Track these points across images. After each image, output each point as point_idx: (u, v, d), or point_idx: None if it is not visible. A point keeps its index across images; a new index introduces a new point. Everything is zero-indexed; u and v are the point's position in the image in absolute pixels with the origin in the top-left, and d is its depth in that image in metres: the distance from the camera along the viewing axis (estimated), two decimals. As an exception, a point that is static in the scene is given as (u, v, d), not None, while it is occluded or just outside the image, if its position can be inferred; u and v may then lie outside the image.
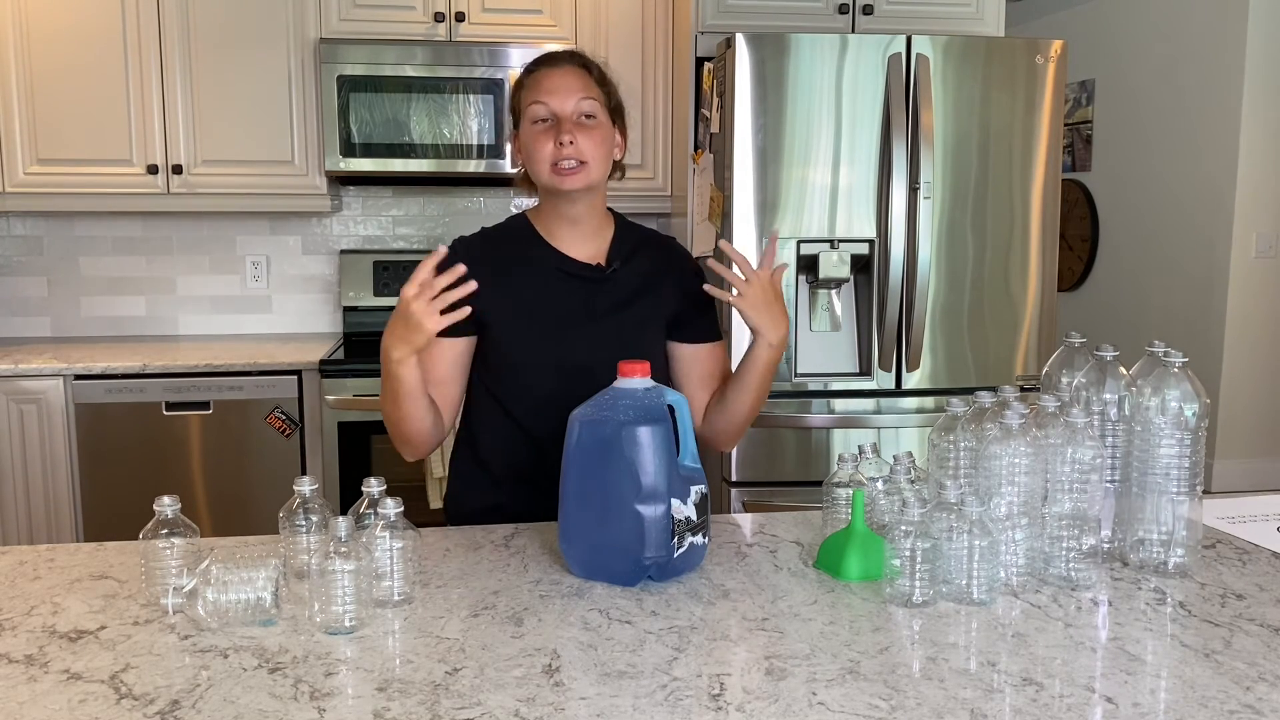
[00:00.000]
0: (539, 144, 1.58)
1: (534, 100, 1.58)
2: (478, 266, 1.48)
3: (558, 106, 1.57)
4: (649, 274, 1.69)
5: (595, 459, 1.29)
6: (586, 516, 1.31)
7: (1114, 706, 0.98)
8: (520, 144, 1.63)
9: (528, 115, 1.59)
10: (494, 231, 1.71)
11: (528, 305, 1.63)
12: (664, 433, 1.29)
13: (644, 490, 1.27)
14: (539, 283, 1.64)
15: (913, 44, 2.80)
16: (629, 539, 1.27)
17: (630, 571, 1.28)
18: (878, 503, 1.41)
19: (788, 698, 1.00)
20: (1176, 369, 1.33)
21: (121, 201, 3.30)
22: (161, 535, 1.23)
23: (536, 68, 1.63)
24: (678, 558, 1.29)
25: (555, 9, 3.38)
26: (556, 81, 1.59)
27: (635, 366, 1.34)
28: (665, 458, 1.28)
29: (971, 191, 2.87)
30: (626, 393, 1.33)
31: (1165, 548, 1.34)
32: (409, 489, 3.08)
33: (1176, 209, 5.37)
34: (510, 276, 1.63)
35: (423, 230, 3.78)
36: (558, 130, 1.56)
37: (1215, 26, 5.10)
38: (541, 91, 1.58)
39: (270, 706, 0.98)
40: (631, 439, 1.27)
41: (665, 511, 1.27)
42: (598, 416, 1.31)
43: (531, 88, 1.60)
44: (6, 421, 3.01)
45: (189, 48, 3.25)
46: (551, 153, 1.57)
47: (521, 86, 1.62)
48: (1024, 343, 2.94)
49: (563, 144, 1.56)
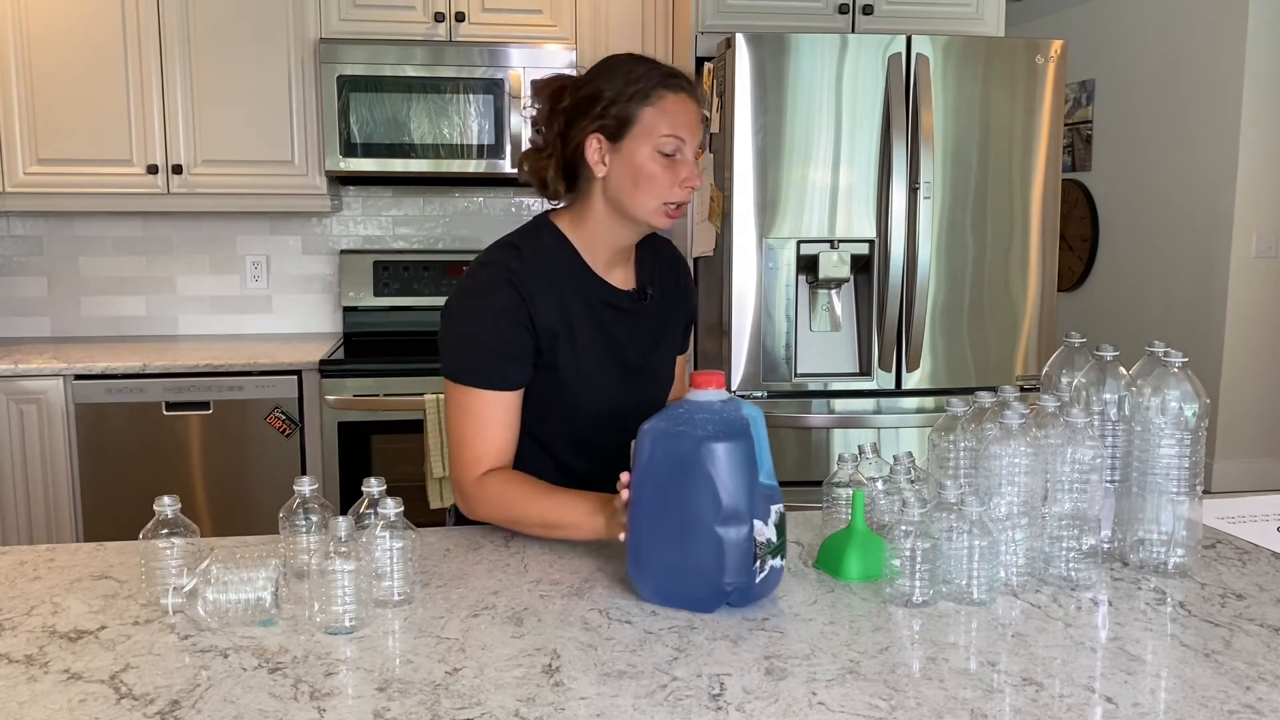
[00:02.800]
0: (661, 177, 1.44)
1: (670, 132, 1.44)
2: (540, 303, 1.46)
3: (691, 142, 1.46)
4: (670, 297, 1.66)
5: (671, 476, 1.20)
6: (661, 538, 1.21)
7: (1114, 706, 0.98)
8: (622, 166, 1.46)
9: (654, 144, 1.44)
10: (534, 258, 1.51)
11: (587, 344, 1.52)
12: (746, 448, 1.20)
13: (725, 511, 1.18)
14: (591, 318, 1.53)
15: (913, 44, 2.80)
16: (708, 563, 1.18)
17: (709, 597, 1.20)
18: (878, 503, 1.42)
19: (788, 698, 1.00)
20: (1176, 369, 1.33)
21: (121, 201, 3.30)
22: (161, 535, 1.23)
23: (668, 88, 1.45)
24: (759, 582, 1.21)
25: (555, 9, 3.38)
26: (690, 117, 1.46)
27: (710, 377, 1.24)
28: (748, 476, 1.19)
29: (971, 191, 2.87)
30: (703, 405, 1.22)
31: (1165, 548, 1.34)
32: (409, 489, 3.10)
33: (1176, 209, 5.37)
34: (568, 312, 1.51)
35: (423, 230, 3.78)
36: (678, 168, 1.45)
37: (1215, 26, 5.09)
38: (680, 125, 1.44)
39: (270, 706, 0.98)
40: (712, 455, 1.18)
41: (747, 533, 1.18)
42: (674, 430, 1.21)
43: (663, 113, 1.44)
44: (6, 421, 3.01)
45: (189, 48, 3.25)
46: (668, 191, 1.45)
47: (641, 102, 1.44)
48: (1024, 343, 2.93)
49: (690, 187, 1.46)
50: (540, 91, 1.53)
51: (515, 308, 1.46)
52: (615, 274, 1.57)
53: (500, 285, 1.46)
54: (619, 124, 1.44)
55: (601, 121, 1.45)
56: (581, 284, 1.53)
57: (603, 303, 1.54)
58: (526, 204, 3.81)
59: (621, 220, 1.50)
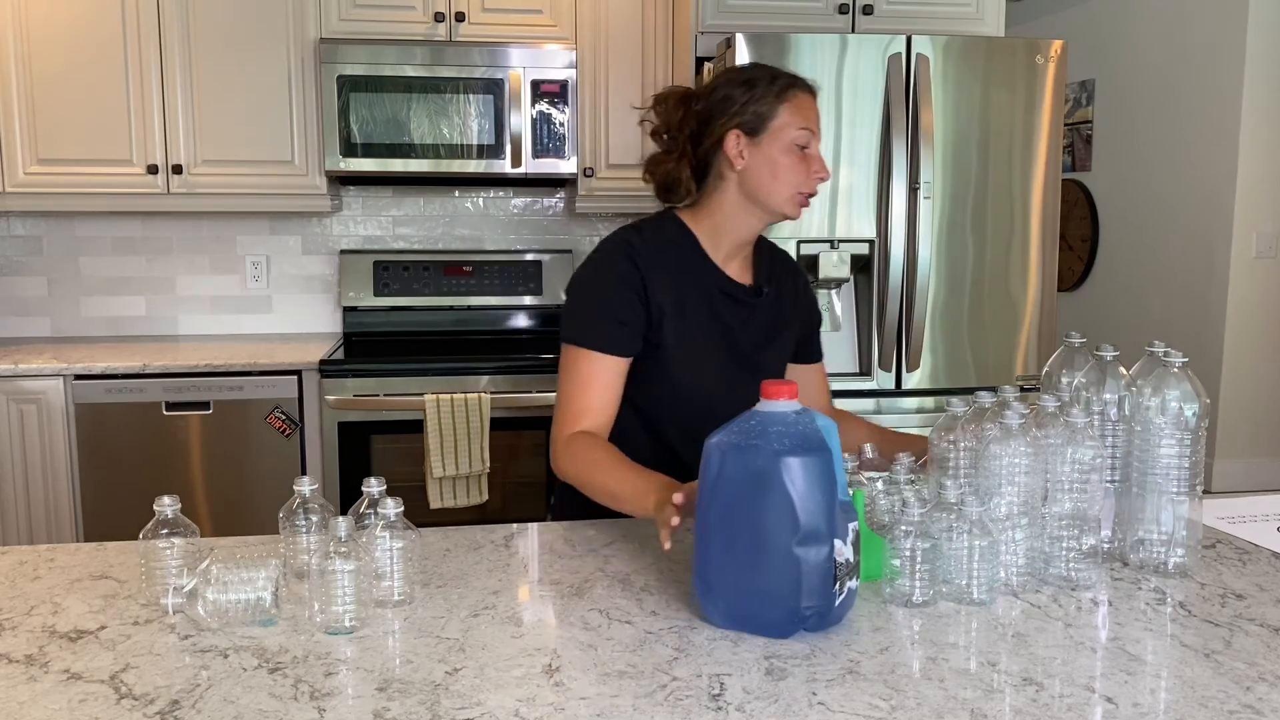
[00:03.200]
0: (795, 168, 1.55)
1: (803, 125, 1.55)
2: (656, 279, 1.54)
3: (818, 138, 1.57)
4: (786, 297, 1.72)
5: (744, 493, 1.13)
6: (732, 559, 1.14)
7: (1114, 706, 0.98)
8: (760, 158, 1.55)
9: (790, 136, 1.54)
10: (656, 238, 1.61)
11: (699, 328, 1.59)
12: (825, 463, 1.12)
13: (804, 530, 1.10)
14: (706, 305, 1.60)
15: (913, 44, 2.80)
16: (784, 586, 1.11)
17: (785, 622, 1.13)
18: (878, 503, 1.41)
19: (788, 698, 1.00)
20: (1176, 369, 1.33)
21: (121, 201, 3.30)
22: (161, 535, 1.23)
23: (798, 88, 1.57)
24: (838, 605, 1.14)
25: (555, 9, 3.38)
26: (817, 115, 1.59)
27: (782, 388, 1.17)
28: (828, 492, 1.12)
29: (971, 191, 2.87)
30: (777, 417, 1.15)
31: (1165, 548, 1.34)
32: (409, 489, 3.10)
33: (1176, 209, 5.38)
34: (682, 295, 1.58)
35: (423, 230, 3.78)
36: (810, 161, 1.56)
37: (1215, 26, 5.10)
38: (811, 120, 1.56)
39: (270, 706, 0.98)
40: (790, 471, 1.11)
41: (827, 554, 1.11)
42: (747, 444, 1.13)
43: (797, 110, 1.55)
44: (6, 421, 3.01)
45: (189, 48, 3.25)
46: (803, 181, 1.56)
47: (776, 100, 1.55)
48: (1024, 343, 2.94)
49: (821, 178, 1.57)
50: (665, 100, 1.62)
51: (630, 277, 1.55)
52: (732, 267, 1.64)
53: (619, 257, 1.57)
54: (757, 120, 1.55)
55: (741, 118, 1.55)
56: (699, 271, 1.61)
57: (719, 291, 1.61)
58: (527, 204, 3.82)
59: (752, 211, 1.59)
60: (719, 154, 1.57)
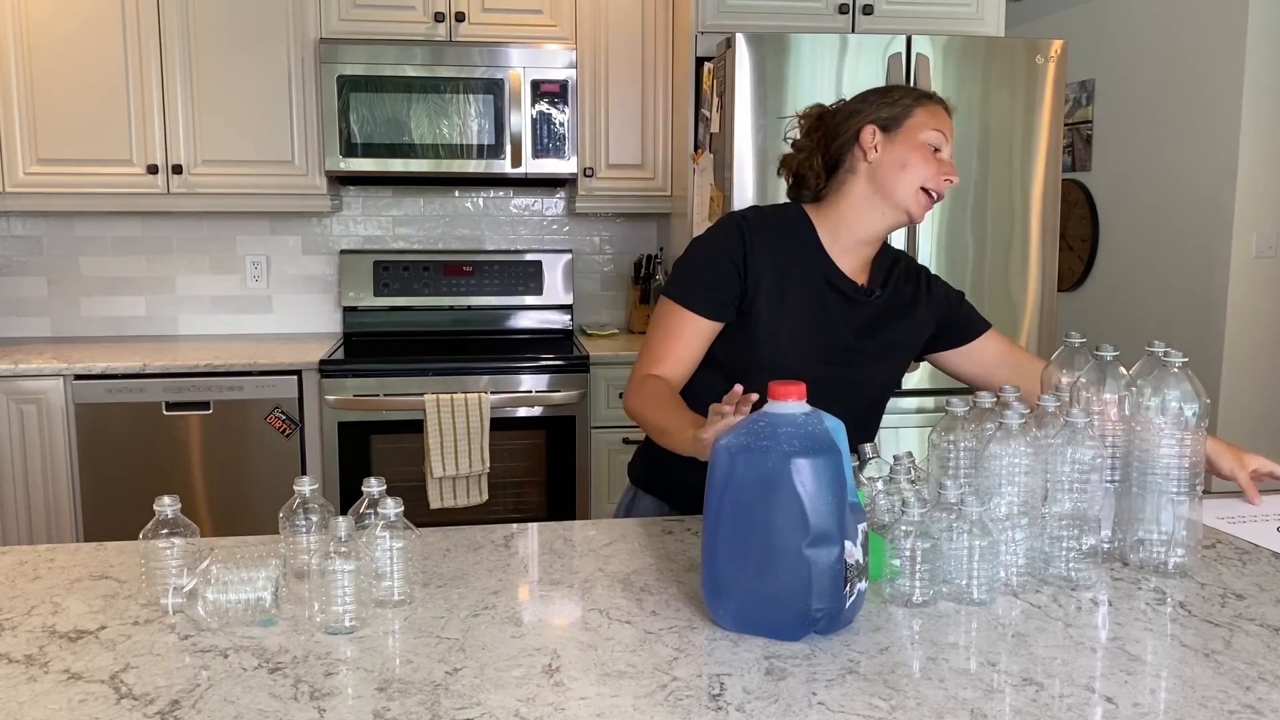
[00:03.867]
0: (926, 164, 1.60)
1: (937, 127, 1.62)
2: (761, 256, 1.60)
3: (949, 146, 1.64)
4: (903, 301, 1.73)
5: (754, 495, 1.12)
6: (742, 561, 1.13)
7: (1114, 706, 0.98)
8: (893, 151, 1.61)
9: (924, 135, 1.61)
10: (772, 218, 1.68)
11: (795, 311, 1.63)
12: (835, 464, 1.12)
13: (814, 532, 1.10)
14: (810, 291, 1.65)
15: (913, 44, 2.80)
16: (795, 588, 1.10)
17: (795, 624, 1.12)
18: (878, 503, 1.41)
19: (788, 698, 1.00)
20: (1176, 369, 1.33)
21: (121, 201, 3.30)
22: (161, 535, 1.23)
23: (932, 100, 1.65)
24: (848, 607, 1.14)
25: (555, 9, 3.38)
26: (950, 124, 1.65)
27: (790, 388, 1.16)
28: (838, 494, 1.12)
29: (971, 191, 2.87)
30: (786, 418, 1.15)
31: (1165, 548, 1.34)
32: (409, 489, 3.11)
33: (1176, 209, 5.37)
34: (786, 277, 1.63)
35: (423, 230, 3.78)
36: (941, 164, 1.61)
37: (1215, 26, 5.10)
38: (945, 125, 1.63)
39: (270, 706, 0.98)
40: (801, 472, 1.10)
41: (838, 556, 1.11)
42: (756, 445, 1.13)
43: (932, 114, 1.63)
44: (6, 421, 3.02)
45: (189, 48, 3.25)
46: (931, 178, 1.60)
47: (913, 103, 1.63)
48: (1024, 343, 2.93)
49: (949, 181, 1.62)
50: (806, 115, 1.72)
51: (733, 247, 1.62)
52: (847, 263, 1.68)
53: (730, 227, 1.65)
54: (894, 117, 1.62)
55: (878, 114, 1.63)
56: (810, 257, 1.66)
57: (826, 281, 1.65)
58: (527, 204, 3.82)
59: (876, 207, 1.63)
60: (853, 148, 1.64)
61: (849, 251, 1.67)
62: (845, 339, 1.67)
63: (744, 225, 1.64)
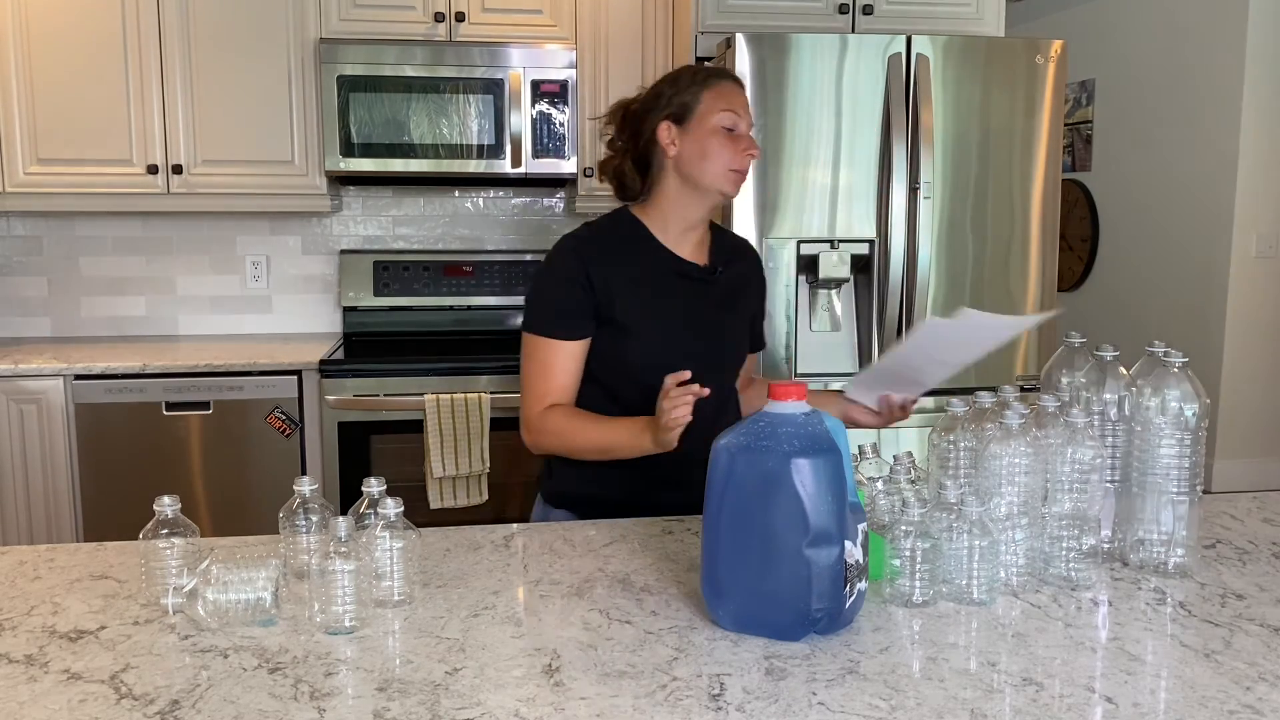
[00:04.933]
0: (724, 148, 1.66)
1: (726, 108, 1.66)
2: (602, 267, 1.67)
3: (744, 120, 1.68)
4: (741, 279, 1.83)
5: (754, 495, 1.12)
6: (741, 561, 1.13)
7: (1114, 706, 0.98)
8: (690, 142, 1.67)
9: (715, 119, 1.65)
10: (603, 230, 1.76)
11: (654, 305, 1.71)
12: (835, 464, 1.12)
13: (814, 532, 1.10)
14: (661, 282, 1.72)
15: (913, 44, 2.80)
16: (794, 588, 1.10)
17: (794, 624, 1.12)
18: (878, 503, 1.41)
19: (788, 698, 1.00)
20: (1176, 369, 1.33)
21: (121, 201, 3.30)
22: (161, 535, 1.23)
23: (718, 77, 1.70)
24: (848, 607, 1.14)
25: (555, 9, 3.38)
26: (740, 98, 1.70)
27: (791, 388, 1.16)
28: (838, 494, 1.12)
29: (971, 191, 2.87)
30: (786, 418, 1.15)
31: (1165, 548, 1.34)
32: (409, 489, 3.10)
33: (1176, 209, 5.37)
34: (636, 275, 1.70)
35: (423, 230, 3.78)
36: (738, 141, 1.66)
37: (1215, 26, 5.09)
38: (735, 102, 1.68)
39: (270, 706, 0.98)
40: (800, 472, 1.10)
41: (838, 556, 1.11)
42: (756, 445, 1.13)
43: (719, 95, 1.67)
44: (6, 421, 3.01)
45: (189, 48, 3.25)
46: (734, 159, 1.66)
47: (699, 88, 1.67)
48: (1024, 343, 2.93)
49: (751, 155, 1.67)
50: (611, 113, 1.78)
51: (571, 267, 1.68)
52: (685, 249, 1.75)
53: (565, 252, 1.71)
54: (683, 109, 1.68)
55: (668, 110, 1.68)
56: (651, 254, 1.73)
57: (673, 271, 1.73)
58: (527, 204, 3.82)
59: (692, 193, 1.70)
60: (656, 147, 1.70)
61: (683, 238, 1.75)
62: (708, 314, 1.75)
63: (576, 243, 1.71)
